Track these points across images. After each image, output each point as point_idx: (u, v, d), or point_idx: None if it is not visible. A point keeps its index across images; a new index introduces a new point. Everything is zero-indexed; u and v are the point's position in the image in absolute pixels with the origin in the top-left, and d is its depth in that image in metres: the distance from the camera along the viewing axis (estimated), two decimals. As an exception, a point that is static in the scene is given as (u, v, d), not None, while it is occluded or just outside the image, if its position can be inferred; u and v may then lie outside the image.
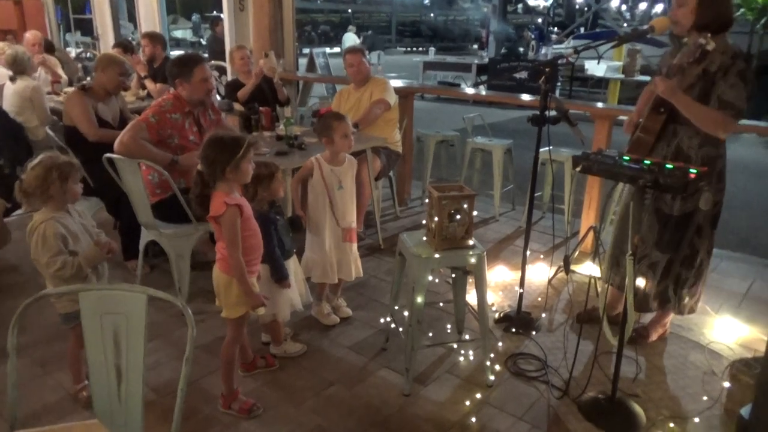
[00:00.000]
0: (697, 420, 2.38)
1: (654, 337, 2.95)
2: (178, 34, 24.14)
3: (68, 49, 11.26)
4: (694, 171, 2.02)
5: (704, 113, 2.41)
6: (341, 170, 2.92)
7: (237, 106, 4.18)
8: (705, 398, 2.52)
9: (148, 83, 5.39)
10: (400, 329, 2.78)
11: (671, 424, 2.35)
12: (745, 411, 1.68)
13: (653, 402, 2.49)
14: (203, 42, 26.03)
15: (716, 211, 2.61)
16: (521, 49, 16.60)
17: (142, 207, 3.07)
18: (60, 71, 6.06)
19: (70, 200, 2.24)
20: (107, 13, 8.58)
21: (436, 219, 2.43)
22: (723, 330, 3.07)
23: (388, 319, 2.90)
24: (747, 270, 3.90)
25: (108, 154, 3.02)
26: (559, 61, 2.75)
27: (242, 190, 2.28)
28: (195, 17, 26.90)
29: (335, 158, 2.91)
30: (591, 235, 3.92)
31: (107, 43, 8.46)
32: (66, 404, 2.43)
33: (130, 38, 8.76)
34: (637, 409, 2.41)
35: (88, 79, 4.21)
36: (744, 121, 3.69)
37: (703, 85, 2.41)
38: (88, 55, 9.70)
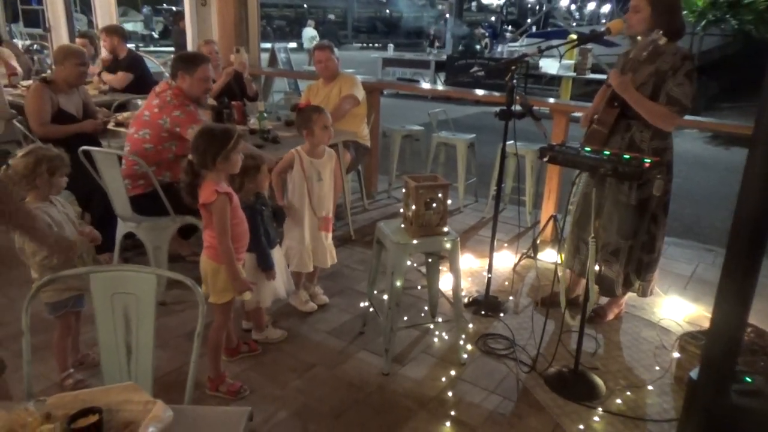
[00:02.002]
0: (650, 388, 2.63)
1: (611, 316, 3.19)
2: (129, 26, 23.39)
3: (15, 41, 10.87)
4: (648, 161, 2.23)
5: (652, 108, 2.65)
6: (321, 162, 3.03)
7: (209, 100, 4.21)
8: (657, 368, 2.77)
9: (106, 76, 5.34)
10: (379, 313, 2.92)
11: (628, 392, 2.58)
12: (693, 373, 1.89)
13: (611, 373, 2.72)
14: (155, 35, 25.40)
15: (666, 199, 2.86)
16: (477, 47, 16.97)
17: (119, 200, 3.10)
18: (15, 63, 5.91)
19: (54, 193, 2.28)
20: (60, 4, 8.34)
21: (413, 207, 2.58)
22: (672, 309, 3.35)
23: (366, 303, 3.03)
24: (692, 255, 4.22)
25: (85, 147, 3.03)
26: (525, 59, 2.94)
27: (229, 181, 2.36)
28: (146, 9, 26.19)
29: (315, 150, 3.01)
30: (551, 223, 4.16)
31: (60, 34, 8.23)
32: (52, 393, 2.45)
33: (86, 29, 8.57)
34: (598, 380, 2.64)
35: (49, 71, 4.16)
36: (690, 118, 4.00)
37: (655, 82, 2.65)
38: (36, 47, 9.41)
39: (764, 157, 1.55)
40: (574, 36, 9.23)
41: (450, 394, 2.55)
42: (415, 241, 2.60)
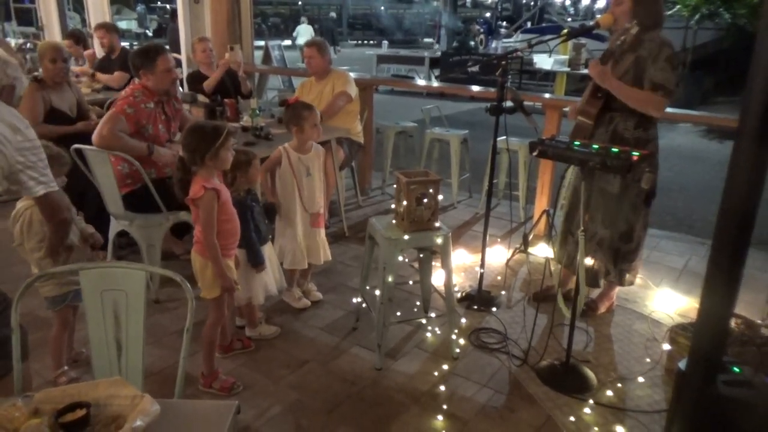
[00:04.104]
0: (641, 379, 2.64)
1: (602, 309, 3.21)
2: (123, 24, 23.30)
3: (8, 39, 10.83)
4: (636, 154, 2.25)
5: (636, 95, 2.67)
6: (308, 158, 3.03)
7: (201, 98, 4.21)
8: (648, 360, 2.79)
9: (100, 76, 5.33)
10: (371, 308, 2.93)
11: (619, 385, 2.60)
12: (682, 364, 1.91)
13: (603, 366, 2.74)
14: (149, 33, 25.30)
15: (649, 190, 2.88)
16: (472, 43, 16.95)
17: (112, 198, 3.10)
18: (7, 62, 5.89)
19: None
20: (52, 2, 8.31)
21: (404, 203, 2.59)
22: (663, 301, 3.37)
23: (359, 299, 3.04)
24: (684, 248, 4.24)
25: (77, 146, 3.03)
26: (514, 54, 2.94)
27: (221, 176, 2.37)
28: (140, 8, 26.08)
29: (302, 147, 3.02)
30: (544, 218, 4.17)
31: (52, 33, 8.22)
32: (45, 391, 2.46)
33: (73, 28, 8.56)
34: (589, 372, 2.65)
35: (40, 70, 4.18)
36: (679, 111, 4.02)
37: (636, 70, 2.68)
38: (29, 45, 9.38)
39: (749, 149, 1.56)
40: (569, 30, 9.24)
41: (442, 388, 2.57)
42: (406, 237, 2.61)
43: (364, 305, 3.02)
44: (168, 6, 24.66)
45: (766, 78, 1.49)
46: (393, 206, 2.79)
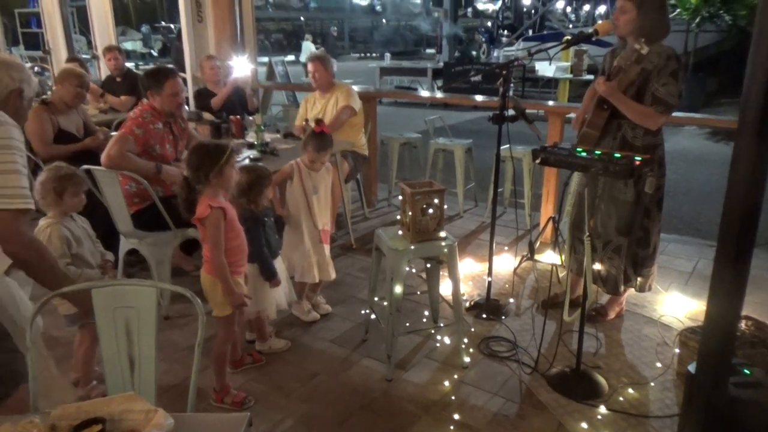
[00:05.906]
0: (652, 384, 2.64)
1: (612, 315, 3.21)
2: (128, 45, 23.63)
3: (16, 63, 11.00)
4: (638, 158, 2.26)
5: (637, 109, 2.70)
6: (318, 176, 3.07)
7: (207, 116, 4.27)
8: (659, 365, 2.78)
9: (111, 98, 5.41)
10: (380, 320, 2.94)
11: (630, 390, 2.60)
12: (691, 367, 1.91)
13: (613, 371, 2.74)
14: (154, 53, 25.64)
15: (660, 195, 2.89)
16: (474, 53, 17.04)
17: (121, 217, 3.14)
18: (16, 86, 5.99)
19: (69, 210, 2.37)
20: (59, 26, 8.45)
21: (409, 213, 2.61)
22: (673, 305, 3.36)
23: (368, 310, 3.06)
24: (692, 251, 4.23)
25: (86, 166, 3.08)
26: (516, 63, 2.98)
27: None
28: (145, 28, 26.43)
29: (314, 164, 3.06)
30: (550, 225, 4.18)
31: (59, 56, 8.34)
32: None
33: (78, 51, 8.73)
34: (600, 378, 2.65)
35: (48, 93, 4.26)
36: (683, 114, 4.03)
37: (641, 82, 2.70)
38: (36, 69, 9.53)
39: (749, 145, 1.57)
40: (569, 38, 9.28)
41: (453, 397, 2.57)
42: (412, 247, 2.63)
43: (373, 317, 3.04)
44: (172, 26, 25.00)
45: (764, 72, 1.50)
46: (399, 217, 2.82)
